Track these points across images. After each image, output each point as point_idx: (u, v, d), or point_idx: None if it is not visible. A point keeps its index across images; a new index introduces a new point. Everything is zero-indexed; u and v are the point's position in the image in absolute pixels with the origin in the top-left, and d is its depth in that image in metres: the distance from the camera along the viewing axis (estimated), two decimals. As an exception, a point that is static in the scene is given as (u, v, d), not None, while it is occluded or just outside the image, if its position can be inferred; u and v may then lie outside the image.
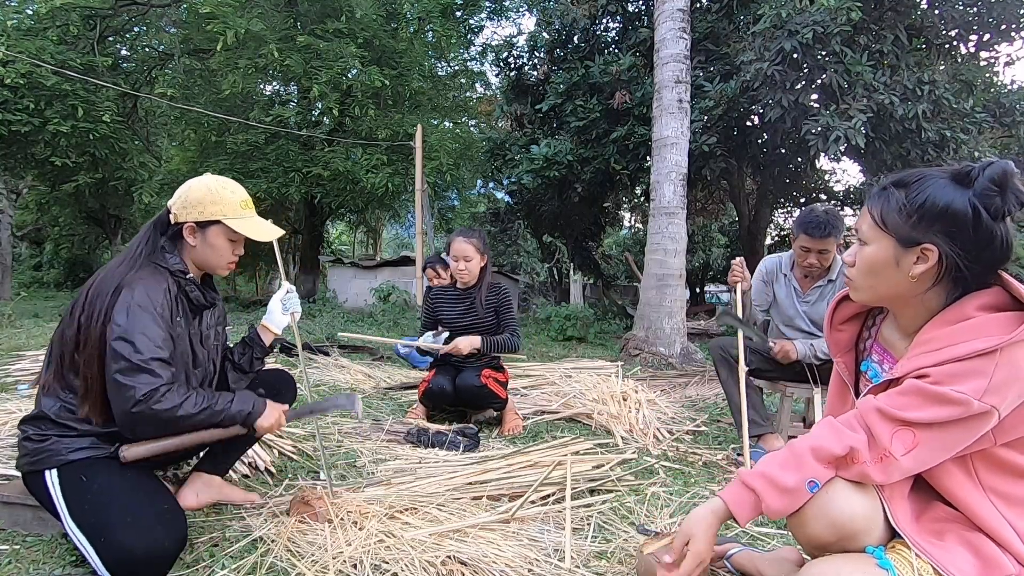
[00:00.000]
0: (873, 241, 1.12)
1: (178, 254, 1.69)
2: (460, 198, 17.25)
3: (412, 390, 3.84)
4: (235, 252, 1.75)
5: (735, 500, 1.12)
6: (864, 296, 1.18)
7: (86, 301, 1.56)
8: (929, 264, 1.06)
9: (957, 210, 1.03)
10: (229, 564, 1.53)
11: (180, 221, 1.68)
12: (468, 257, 3.11)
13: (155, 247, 1.68)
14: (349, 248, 28.00)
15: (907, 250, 1.07)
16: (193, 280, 1.71)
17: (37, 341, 5.75)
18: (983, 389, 0.98)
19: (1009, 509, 1.07)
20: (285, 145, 10.98)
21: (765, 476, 1.09)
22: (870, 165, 7.68)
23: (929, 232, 1.05)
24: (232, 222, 1.69)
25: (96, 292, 1.56)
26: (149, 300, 1.54)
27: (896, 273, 1.10)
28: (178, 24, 12.14)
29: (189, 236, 1.68)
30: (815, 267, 2.69)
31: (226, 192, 1.70)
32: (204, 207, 1.67)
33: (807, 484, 1.06)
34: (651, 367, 5.87)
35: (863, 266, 1.14)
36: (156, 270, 1.63)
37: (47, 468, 1.50)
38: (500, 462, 2.22)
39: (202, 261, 1.73)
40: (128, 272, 1.59)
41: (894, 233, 1.08)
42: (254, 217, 1.76)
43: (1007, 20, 7.19)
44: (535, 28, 11.28)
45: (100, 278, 1.60)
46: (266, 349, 1.98)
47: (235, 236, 1.72)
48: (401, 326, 8.52)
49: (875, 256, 1.11)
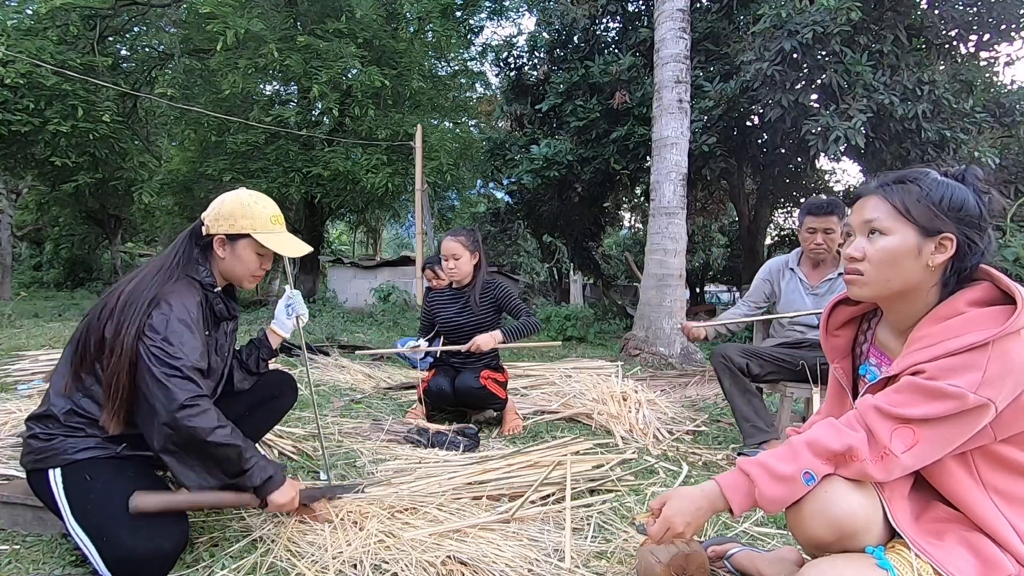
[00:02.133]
0: (894, 231, 1.11)
1: (208, 266, 1.72)
2: (460, 198, 17.24)
3: (412, 390, 3.84)
4: (262, 266, 1.78)
5: (730, 484, 1.13)
6: (872, 291, 1.15)
7: (116, 307, 1.55)
8: (948, 254, 1.09)
9: (972, 204, 1.09)
10: (229, 564, 1.53)
11: (211, 233, 1.71)
12: (457, 255, 3.10)
13: (190, 258, 1.70)
14: (349, 248, 27.98)
15: (928, 239, 1.10)
16: (219, 294, 1.74)
17: (37, 341, 5.76)
18: (978, 382, 0.99)
19: (1010, 508, 1.07)
20: (285, 145, 10.97)
21: (761, 463, 1.11)
22: (870, 165, 7.68)
23: (948, 222, 1.09)
24: (261, 236, 1.72)
25: (128, 300, 1.56)
26: (187, 313, 1.56)
27: (916, 263, 1.11)
28: (178, 24, 12.13)
29: (219, 248, 1.71)
30: (823, 248, 2.74)
31: (257, 207, 1.73)
32: (235, 220, 1.70)
33: (803, 474, 1.07)
34: (651, 367, 5.87)
35: (882, 256, 1.12)
36: (190, 283, 1.65)
37: (51, 467, 1.50)
38: (500, 462, 2.22)
39: (229, 273, 1.75)
40: (165, 283, 1.60)
41: (919, 222, 1.10)
42: (283, 232, 1.79)
43: (1007, 20, 7.19)
44: (535, 28, 11.28)
45: (133, 286, 1.60)
46: (273, 352, 2.01)
47: (263, 250, 1.74)
48: (401, 326, 8.52)
49: (898, 245, 1.11)
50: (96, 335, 1.54)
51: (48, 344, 5.50)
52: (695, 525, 1.16)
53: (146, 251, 23.80)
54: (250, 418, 1.93)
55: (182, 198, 12.32)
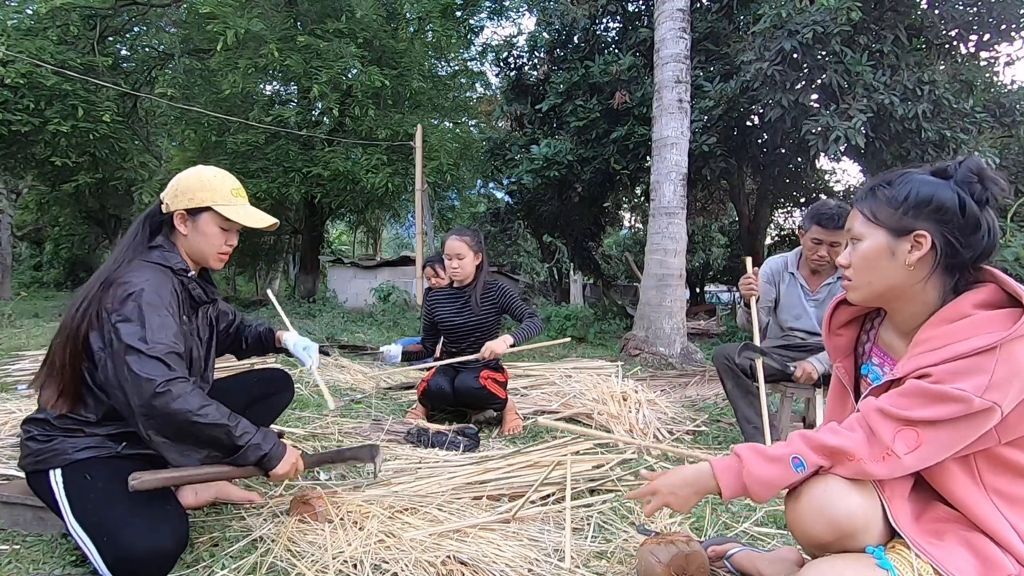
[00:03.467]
0: (866, 236, 1.15)
1: (175, 250, 1.68)
2: (460, 198, 17.23)
3: (412, 390, 3.84)
4: (227, 242, 1.74)
5: (721, 465, 1.16)
6: (862, 294, 1.19)
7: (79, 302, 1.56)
8: (924, 250, 1.09)
9: (944, 197, 1.08)
10: (229, 564, 1.53)
11: (171, 210, 1.67)
12: (461, 255, 3.11)
13: (144, 239, 1.66)
14: (349, 248, 27.98)
15: (900, 239, 1.11)
16: (195, 279, 1.72)
17: (37, 341, 5.76)
18: (984, 386, 0.99)
19: (1010, 510, 1.07)
20: (285, 145, 10.97)
21: (754, 447, 1.16)
22: (870, 165, 7.68)
23: (919, 219, 1.09)
24: (223, 208, 1.68)
25: (84, 291, 1.56)
26: (159, 297, 1.53)
27: (892, 264, 1.12)
28: (178, 24, 12.13)
29: (180, 224, 1.68)
30: (825, 260, 2.67)
31: (216, 180, 1.70)
32: (194, 194, 1.67)
33: (791, 458, 1.09)
34: (651, 367, 5.87)
35: (859, 262, 1.16)
36: (160, 270, 1.62)
37: (51, 468, 1.50)
38: (500, 462, 2.22)
39: (195, 251, 1.71)
40: (117, 267, 1.58)
41: (886, 225, 1.12)
42: (246, 205, 1.76)
43: (1007, 20, 7.18)
44: (535, 28, 11.26)
45: (94, 275, 1.60)
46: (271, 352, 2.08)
47: (226, 224, 1.71)
48: (401, 326, 8.52)
49: (870, 249, 1.14)
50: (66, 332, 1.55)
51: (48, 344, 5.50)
52: (681, 497, 1.19)
53: (146, 251, 23.76)
54: (249, 415, 1.91)
55: (182, 198, 12.29)
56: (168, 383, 1.41)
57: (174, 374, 1.44)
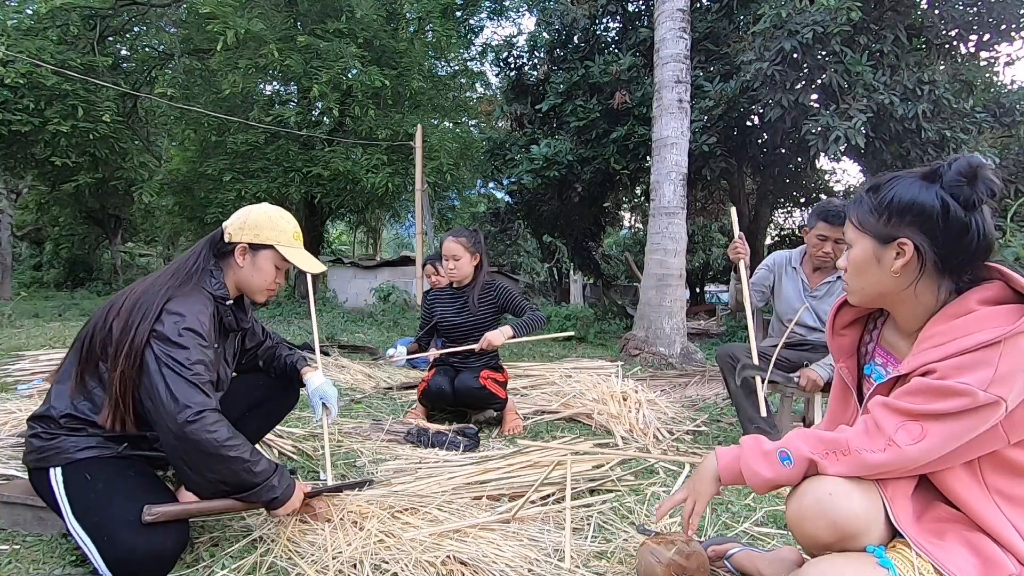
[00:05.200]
0: (855, 243, 1.18)
1: (221, 277, 1.72)
2: (460, 198, 17.22)
3: (412, 390, 3.84)
4: (277, 280, 1.80)
5: (724, 450, 1.22)
6: (857, 298, 1.22)
7: (124, 307, 1.55)
8: (907, 258, 1.10)
9: (924, 203, 1.08)
10: (229, 564, 1.53)
11: (234, 241, 1.72)
12: (457, 256, 3.11)
13: (207, 265, 1.70)
14: (349, 248, 27.99)
15: (885, 247, 1.12)
16: (230, 306, 1.75)
17: (37, 341, 5.76)
18: (989, 379, 0.99)
19: (1012, 510, 1.07)
20: (285, 145, 10.97)
21: (757, 438, 1.20)
22: (870, 165, 7.68)
23: (901, 227, 1.10)
24: (284, 249, 1.76)
25: (139, 301, 1.56)
26: (200, 324, 1.56)
27: (879, 270, 1.14)
28: (178, 24, 12.13)
29: (239, 256, 1.73)
30: (829, 257, 2.69)
31: (283, 221, 1.78)
32: (260, 231, 1.73)
33: (779, 452, 1.13)
34: (651, 367, 5.87)
35: (851, 268, 1.19)
36: (202, 293, 1.65)
37: (52, 466, 1.50)
38: (500, 462, 2.22)
39: (246, 283, 1.76)
40: (179, 287, 1.61)
41: (871, 233, 1.14)
42: (302, 249, 1.84)
43: (1007, 20, 7.18)
44: (535, 28, 11.27)
45: (145, 287, 1.61)
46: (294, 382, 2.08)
47: (282, 264, 1.78)
48: (401, 326, 8.52)
49: (858, 257, 1.17)
50: (102, 335, 1.54)
51: (48, 344, 5.50)
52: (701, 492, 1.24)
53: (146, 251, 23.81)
54: (250, 418, 1.93)
55: (182, 198, 12.31)
56: (203, 412, 1.44)
57: (209, 404, 1.47)
